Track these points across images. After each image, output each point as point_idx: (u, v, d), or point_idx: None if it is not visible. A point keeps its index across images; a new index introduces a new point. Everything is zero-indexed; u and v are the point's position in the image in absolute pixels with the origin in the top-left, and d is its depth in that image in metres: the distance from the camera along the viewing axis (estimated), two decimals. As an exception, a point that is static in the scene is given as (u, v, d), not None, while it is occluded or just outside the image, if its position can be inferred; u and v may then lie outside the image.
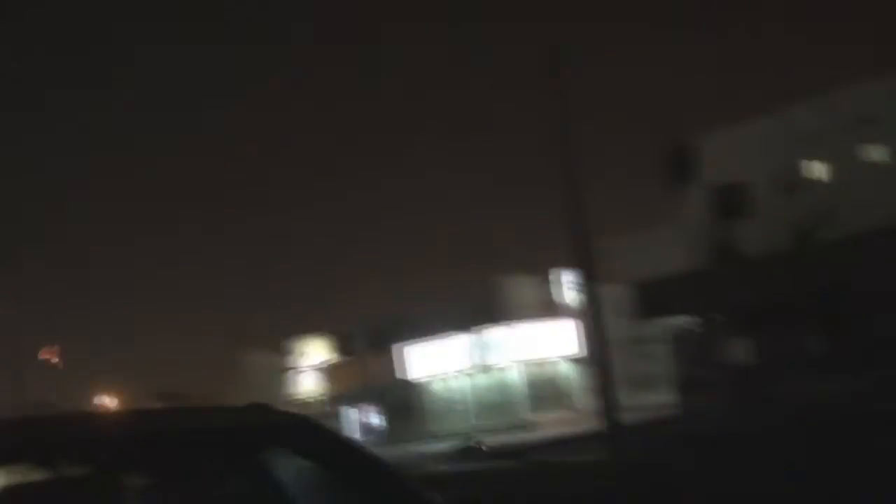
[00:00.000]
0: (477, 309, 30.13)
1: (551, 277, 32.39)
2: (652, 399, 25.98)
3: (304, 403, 37.49)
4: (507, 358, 31.39)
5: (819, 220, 21.38)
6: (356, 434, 34.54)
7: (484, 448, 23.20)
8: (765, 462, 11.48)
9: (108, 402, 46.40)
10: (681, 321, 25.32)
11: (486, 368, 31.94)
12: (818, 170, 23.03)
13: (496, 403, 30.95)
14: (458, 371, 33.46)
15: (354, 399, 36.62)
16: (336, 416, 36.63)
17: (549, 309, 31.20)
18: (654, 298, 24.34)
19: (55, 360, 43.30)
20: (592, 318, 19.14)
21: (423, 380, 34.28)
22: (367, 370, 34.54)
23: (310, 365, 39.62)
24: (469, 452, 22.66)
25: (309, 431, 1.87)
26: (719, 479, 10.60)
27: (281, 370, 40.67)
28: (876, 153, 21.73)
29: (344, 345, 38.65)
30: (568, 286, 29.53)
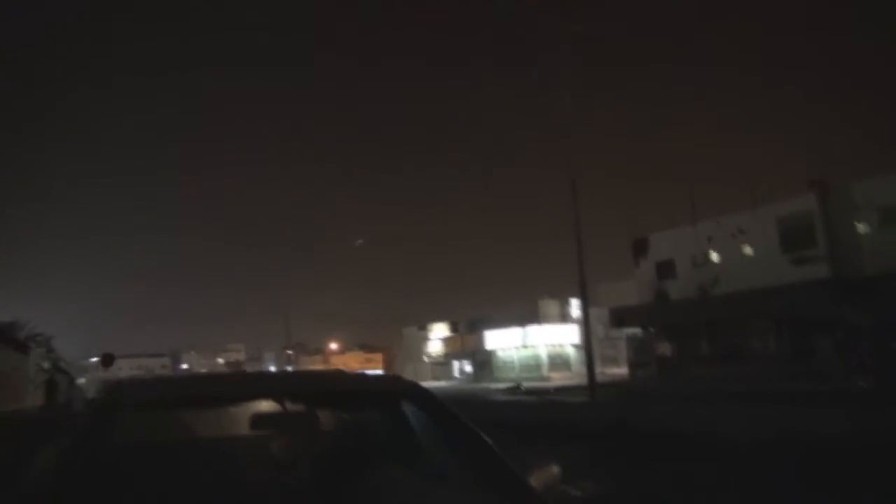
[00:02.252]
0: (525, 313, 48.41)
1: (568, 300, 53.15)
2: (615, 371, 42.54)
3: (433, 358, 57.52)
4: (538, 341, 50.33)
5: (711, 283, 32.72)
6: (459, 375, 59.68)
7: (522, 388, 35.73)
8: (669, 403, 17.99)
9: (333, 345, 72.27)
10: (634, 330, 38.78)
11: (527, 346, 52.79)
12: (713, 255, 33.53)
13: (531, 366, 48.81)
14: (513, 346, 54.39)
15: (458, 356, 61.35)
16: (449, 365, 61.78)
17: (564, 317, 50.39)
18: (620, 316, 37.96)
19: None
20: (585, 324, 25.63)
21: (494, 349, 55.90)
22: (465, 341, 55.10)
23: (436, 336, 65.72)
24: (515, 390, 35.09)
25: (423, 394, 2.43)
26: (644, 415, 15.21)
27: (422, 338, 63.88)
28: (744, 249, 31.81)
29: (454, 327, 64.19)
30: (575, 306, 47.26)
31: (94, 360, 57.51)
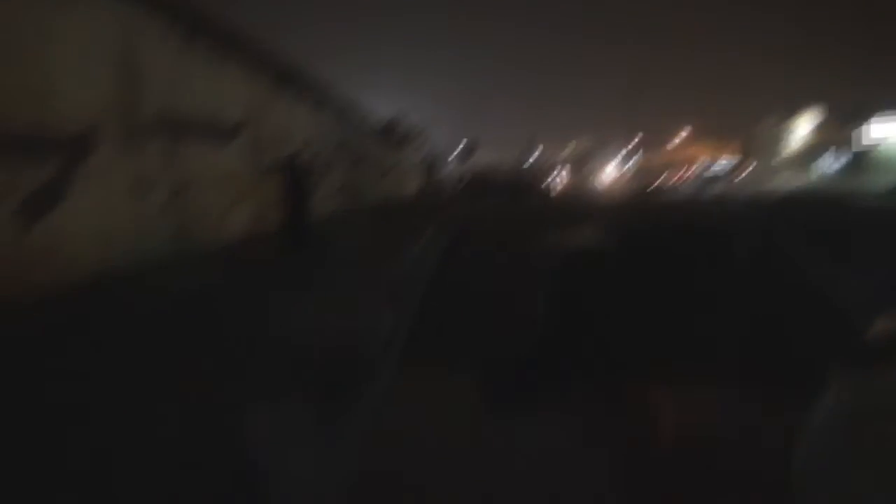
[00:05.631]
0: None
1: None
2: None
3: (793, 152, 53.37)
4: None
5: None
6: (825, 172, 51.83)
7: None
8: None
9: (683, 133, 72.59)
10: None
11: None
12: None
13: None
14: None
15: (825, 151, 53.78)
16: (813, 161, 54.58)
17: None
18: None
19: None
20: None
21: (876, 143, 49.15)
22: (837, 134, 48.05)
23: (799, 128, 59.59)
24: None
25: (778, 236, 3.04)
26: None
27: (782, 130, 61.12)
28: None
29: (823, 116, 56.74)
30: None
31: (460, 146, 64.69)
